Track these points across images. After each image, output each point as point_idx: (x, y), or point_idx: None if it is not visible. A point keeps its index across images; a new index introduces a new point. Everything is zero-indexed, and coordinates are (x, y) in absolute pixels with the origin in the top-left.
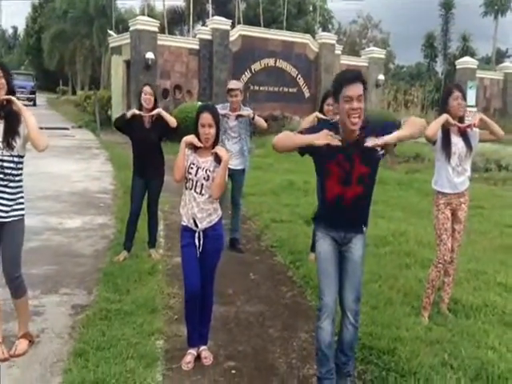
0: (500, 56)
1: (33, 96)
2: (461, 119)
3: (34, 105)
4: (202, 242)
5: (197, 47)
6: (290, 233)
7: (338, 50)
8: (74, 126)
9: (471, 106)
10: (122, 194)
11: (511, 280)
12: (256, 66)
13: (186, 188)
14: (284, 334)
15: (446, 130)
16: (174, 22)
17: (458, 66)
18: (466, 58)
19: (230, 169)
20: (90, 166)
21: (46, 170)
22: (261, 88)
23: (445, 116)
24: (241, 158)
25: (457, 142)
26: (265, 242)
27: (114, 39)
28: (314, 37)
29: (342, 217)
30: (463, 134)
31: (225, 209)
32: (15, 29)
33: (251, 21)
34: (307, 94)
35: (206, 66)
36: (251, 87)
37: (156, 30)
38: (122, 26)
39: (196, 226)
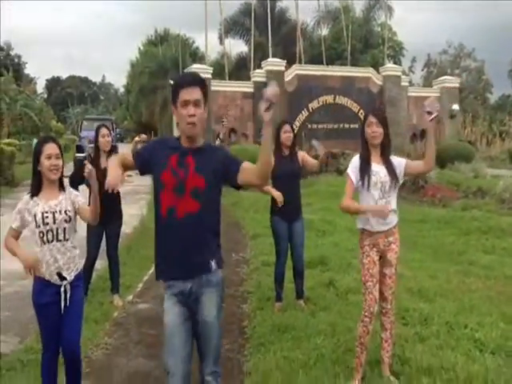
0: None
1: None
2: (384, 151)
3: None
4: (68, 295)
5: (251, 90)
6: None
7: (405, 81)
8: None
9: None
10: None
11: (491, 336)
12: (313, 105)
13: (44, 243)
14: None
15: (366, 157)
16: (239, 67)
17: None
18: None
19: None
20: None
21: None
22: (319, 126)
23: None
24: None
25: (378, 171)
26: (244, 287)
27: None
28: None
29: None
30: (387, 163)
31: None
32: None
33: (314, 60)
34: None
35: None
36: (309, 126)
37: (209, 76)
38: None
39: (62, 279)
